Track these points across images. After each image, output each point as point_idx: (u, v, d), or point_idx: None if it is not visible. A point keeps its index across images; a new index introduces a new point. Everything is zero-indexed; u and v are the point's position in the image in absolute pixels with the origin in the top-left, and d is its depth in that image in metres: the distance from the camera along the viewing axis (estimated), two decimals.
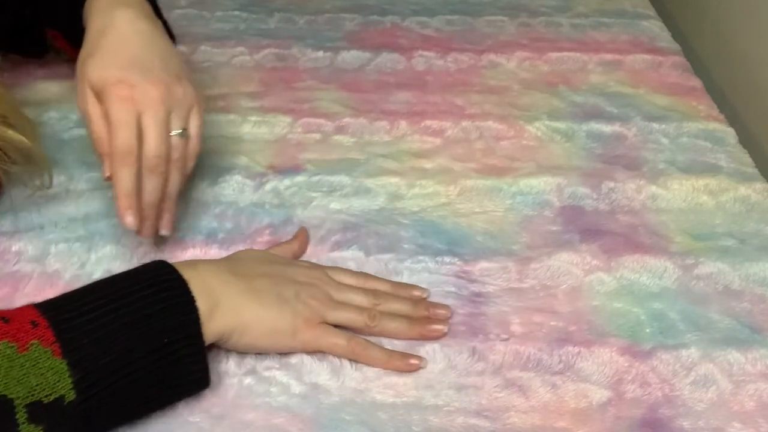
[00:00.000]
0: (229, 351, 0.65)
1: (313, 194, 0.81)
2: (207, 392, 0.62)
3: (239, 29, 1.09)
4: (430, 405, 0.62)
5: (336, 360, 0.65)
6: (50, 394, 0.53)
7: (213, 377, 0.63)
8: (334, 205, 0.80)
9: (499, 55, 1.05)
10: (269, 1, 1.17)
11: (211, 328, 0.60)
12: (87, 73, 0.67)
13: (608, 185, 0.84)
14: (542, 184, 0.84)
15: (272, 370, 0.64)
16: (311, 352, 0.65)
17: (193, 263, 0.63)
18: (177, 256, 0.74)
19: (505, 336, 0.68)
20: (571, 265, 0.74)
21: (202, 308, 0.59)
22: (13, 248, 0.73)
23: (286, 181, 0.83)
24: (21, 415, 0.52)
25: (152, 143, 0.67)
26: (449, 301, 0.71)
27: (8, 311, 0.56)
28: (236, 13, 1.13)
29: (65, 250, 0.73)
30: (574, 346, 0.67)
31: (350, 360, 0.65)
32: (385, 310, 0.68)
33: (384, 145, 0.89)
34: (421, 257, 0.74)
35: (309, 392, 0.63)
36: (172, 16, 1.10)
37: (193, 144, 0.71)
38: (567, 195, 0.83)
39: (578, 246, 0.77)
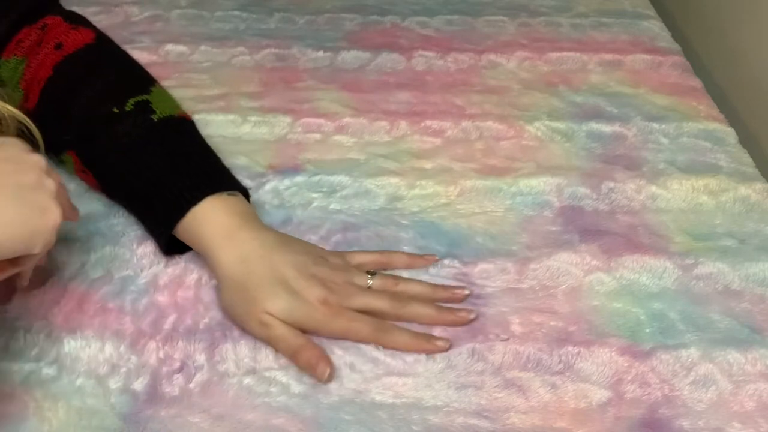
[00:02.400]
0: (228, 351, 0.65)
1: (313, 194, 0.81)
2: (206, 393, 0.63)
3: (239, 29, 1.09)
4: (430, 405, 0.62)
5: (336, 360, 0.65)
6: None
7: (213, 377, 0.64)
8: (334, 206, 0.80)
9: (499, 55, 1.05)
10: (269, 1, 1.16)
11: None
12: (267, 309, 0.66)
13: (608, 185, 0.84)
14: (542, 184, 0.84)
15: (272, 370, 0.64)
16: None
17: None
18: (177, 256, 0.74)
19: (504, 336, 0.68)
20: (571, 266, 0.74)
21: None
22: None
23: (286, 182, 0.83)
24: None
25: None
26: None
27: None
28: (236, 13, 1.13)
29: (65, 250, 0.73)
30: (573, 347, 0.67)
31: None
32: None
33: (384, 145, 0.89)
34: None
35: (309, 392, 0.63)
36: (172, 16, 1.10)
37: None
38: (567, 195, 0.83)
39: (578, 246, 0.77)
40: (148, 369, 0.64)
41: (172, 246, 0.72)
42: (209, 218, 0.69)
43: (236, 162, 0.85)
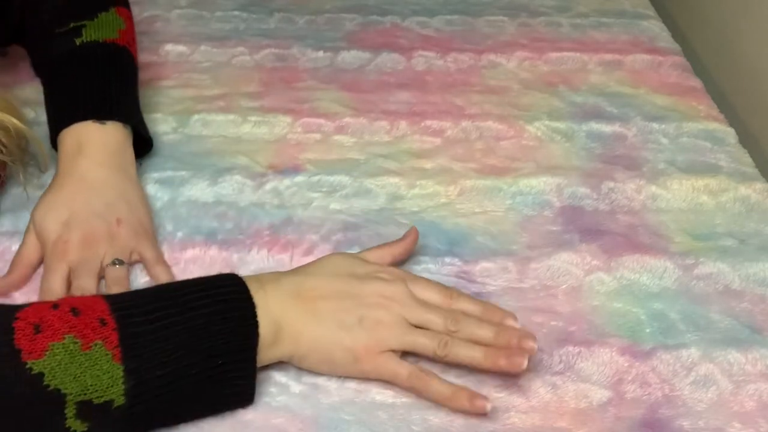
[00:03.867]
0: None
1: (313, 194, 0.81)
2: None
3: (239, 29, 1.09)
4: (430, 405, 0.62)
5: None
6: (101, 396, 0.54)
7: None
8: (334, 206, 0.80)
9: (499, 55, 1.05)
10: (269, 1, 1.16)
11: (269, 354, 0.61)
12: (35, 217, 0.72)
13: (608, 185, 0.84)
14: (542, 184, 0.84)
15: (271, 370, 0.64)
16: (374, 379, 0.63)
17: (261, 281, 0.62)
18: (177, 256, 0.74)
19: None
20: (571, 265, 0.74)
21: (263, 334, 0.60)
22: (13, 248, 0.73)
23: (286, 181, 0.83)
24: (70, 410, 0.53)
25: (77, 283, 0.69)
26: None
27: (80, 301, 0.58)
28: (236, 13, 1.13)
29: None
30: (574, 346, 0.67)
31: (407, 391, 0.62)
32: (464, 337, 0.63)
33: (384, 145, 0.89)
34: (421, 257, 0.74)
35: (308, 392, 0.63)
36: (172, 16, 1.10)
37: (157, 270, 0.71)
38: (567, 195, 0.83)
39: (578, 246, 0.77)
40: None
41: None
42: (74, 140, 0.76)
43: (236, 162, 0.85)
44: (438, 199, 0.82)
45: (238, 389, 0.60)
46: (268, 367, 0.64)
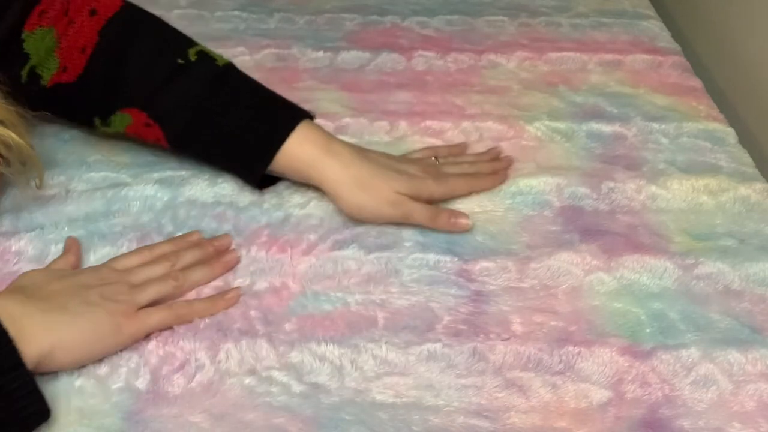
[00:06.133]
0: (229, 351, 0.65)
1: (312, 194, 0.81)
2: (207, 392, 0.63)
3: (239, 29, 1.09)
4: (431, 405, 0.62)
5: (336, 360, 0.65)
6: None
7: (214, 377, 0.64)
8: (334, 205, 0.80)
9: (499, 55, 1.05)
10: (269, 1, 1.17)
11: (26, 353, 0.58)
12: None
13: (608, 185, 0.84)
14: (542, 184, 0.84)
15: (272, 370, 0.64)
16: (143, 338, 0.66)
17: None
18: None
19: (505, 336, 0.68)
20: (571, 265, 0.74)
21: (13, 335, 0.58)
22: (13, 248, 0.73)
23: (286, 182, 0.83)
24: None
25: None
26: (450, 301, 0.71)
27: None
28: (236, 13, 1.13)
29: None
30: (574, 346, 0.67)
31: (178, 324, 0.67)
32: (183, 265, 0.71)
33: (384, 145, 0.89)
34: (421, 256, 0.75)
35: (309, 392, 0.63)
36: (172, 16, 1.10)
37: None
38: (567, 195, 0.83)
39: (578, 246, 0.77)
40: (149, 369, 0.64)
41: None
42: (306, 141, 0.77)
43: None
44: None
45: (24, 402, 0.58)
46: (268, 366, 0.64)
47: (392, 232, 0.77)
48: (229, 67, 0.81)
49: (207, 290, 0.71)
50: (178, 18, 1.10)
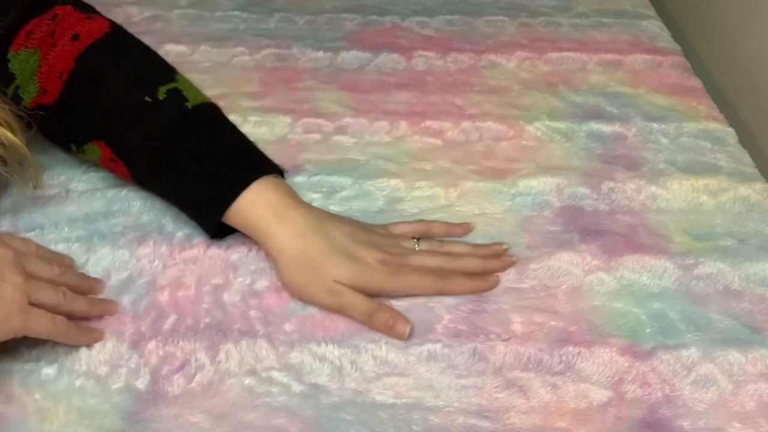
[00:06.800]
0: (229, 351, 0.65)
1: (313, 195, 0.81)
2: (207, 392, 0.63)
3: (239, 29, 1.09)
4: (431, 405, 0.62)
5: (336, 360, 0.65)
6: None
7: (214, 377, 0.64)
8: (334, 207, 0.80)
9: (499, 55, 1.05)
10: (269, 1, 1.16)
11: None
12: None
13: (608, 185, 0.84)
14: (542, 184, 0.84)
15: (272, 370, 0.64)
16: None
17: None
18: (177, 256, 0.74)
19: (505, 336, 0.68)
20: (571, 265, 0.74)
21: None
22: None
23: (286, 182, 0.82)
24: None
25: None
26: (450, 301, 0.71)
27: None
28: (236, 13, 1.13)
29: (65, 250, 0.73)
30: (574, 347, 0.67)
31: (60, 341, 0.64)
32: (75, 290, 0.67)
33: (384, 145, 0.89)
34: None
35: (309, 392, 0.63)
36: (172, 16, 1.10)
37: None
38: (567, 195, 0.83)
39: (578, 246, 0.77)
40: (149, 369, 0.64)
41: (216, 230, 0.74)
42: (258, 201, 0.71)
43: None
44: (438, 201, 0.82)
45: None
46: (268, 366, 0.64)
47: None
48: (201, 109, 0.76)
49: None
50: (178, 18, 1.10)
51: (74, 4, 0.81)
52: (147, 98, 0.75)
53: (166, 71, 0.79)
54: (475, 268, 0.72)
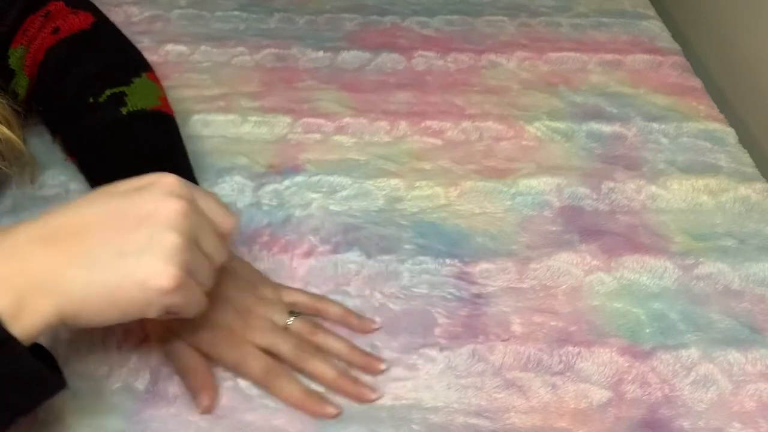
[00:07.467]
0: None
1: (313, 195, 0.81)
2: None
3: (239, 29, 1.09)
4: (430, 406, 0.62)
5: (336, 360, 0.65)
6: None
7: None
8: (334, 206, 0.80)
9: (499, 55, 1.05)
10: (269, 1, 1.16)
11: (21, 330, 0.47)
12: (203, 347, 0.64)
13: (608, 185, 0.84)
14: (542, 184, 0.84)
15: None
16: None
17: None
18: None
19: (505, 336, 0.68)
20: (571, 265, 0.74)
21: (2, 307, 0.47)
22: None
23: (286, 182, 0.83)
24: None
25: None
26: (450, 302, 0.71)
27: None
28: (236, 13, 1.13)
29: None
30: (574, 347, 0.67)
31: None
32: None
33: (384, 145, 0.89)
34: (421, 258, 0.75)
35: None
36: (172, 16, 1.10)
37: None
38: (567, 195, 0.83)
39: (578, 246, 0.77)
40: (149, 369, 0.64)
41: None
42: None
43: (236, 162, 0.85)
44: (438, 201, 0.82)
45: (37, 375, 0.49)
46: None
47: (393, 235, 0.77)
48: (136, 116, 0.74)
49: None
50: (178, 18, 1.10)
51: (66, 1, 0.81)
52: (90, 99, 0.76)
53: (125, 73, 0.78)
54: (322, 377, 0.62)
